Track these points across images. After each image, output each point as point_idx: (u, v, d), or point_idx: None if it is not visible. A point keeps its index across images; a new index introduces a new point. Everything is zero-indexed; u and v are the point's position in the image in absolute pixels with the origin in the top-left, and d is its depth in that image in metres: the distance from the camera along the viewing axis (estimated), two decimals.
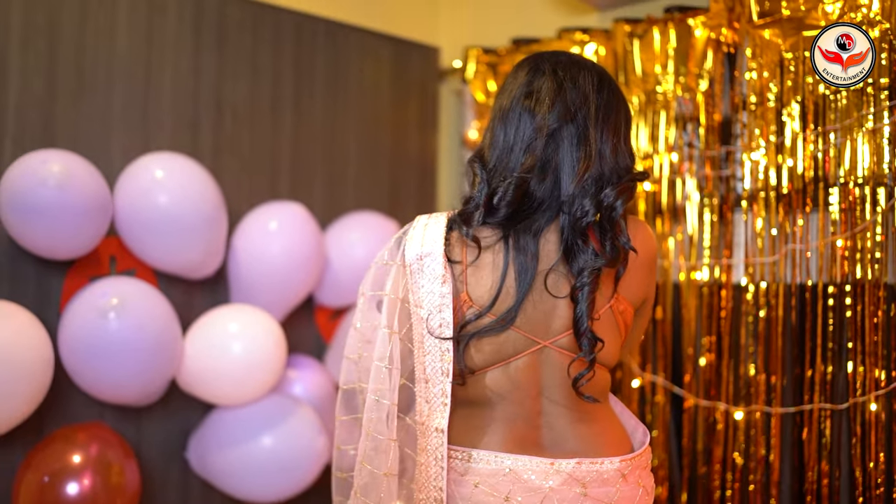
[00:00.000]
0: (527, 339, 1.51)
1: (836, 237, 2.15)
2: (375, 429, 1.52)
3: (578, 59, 1.61)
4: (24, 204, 1.91)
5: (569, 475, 1.48)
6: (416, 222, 1.57)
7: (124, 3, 2.28)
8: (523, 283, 1.48)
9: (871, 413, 2.07)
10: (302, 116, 2.65)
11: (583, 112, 1.53)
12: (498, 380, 1.52)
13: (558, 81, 1.54)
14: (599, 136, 1.53)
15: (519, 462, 1.48)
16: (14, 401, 1.90)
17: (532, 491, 1.47)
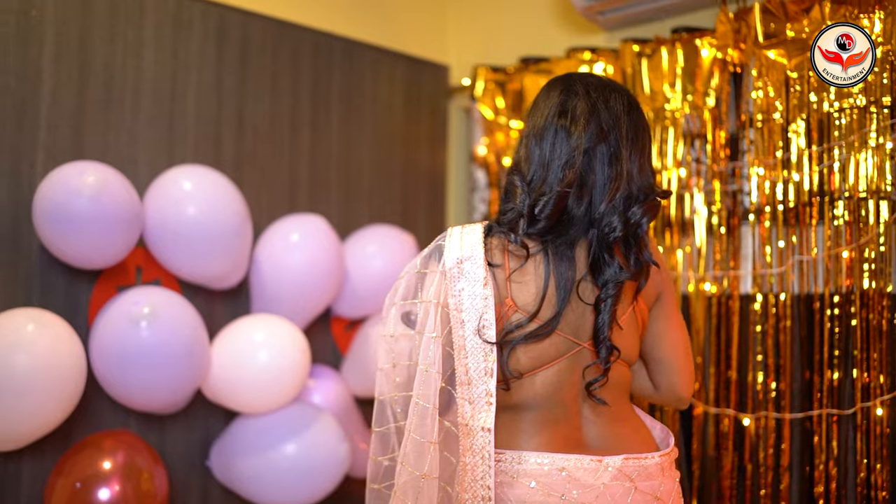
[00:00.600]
0: (568, 342, 1.59)
1: (841, 249, 2.24)
2: (417, 431, 1.56)
3: (608, 81, 1.69)
4: (59, 214, 1.95)
5: (618, 471, 1.56)
6: (451, 231, 1.64)
7: (151, 21, 2.34)
8: (563, 291, 1.56)
9: (877, 418, 2.15)
10: (319, 132, 2.71)
11: (615, 133, 1.61)
12: (543, 382, 1.59)
13: (591, 102, 1.63)
14: (629, 155, 1.62)
15: (571, 461, 1.55)
16: (50, 408, 1.94)
17: (586, 488, 1.54)
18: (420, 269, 1.65)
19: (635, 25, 2.76)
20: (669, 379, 1.75)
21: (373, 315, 2.66)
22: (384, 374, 1.72)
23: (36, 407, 1.92)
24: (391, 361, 1.70)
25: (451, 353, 1.57)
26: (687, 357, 1.77)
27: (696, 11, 2.61)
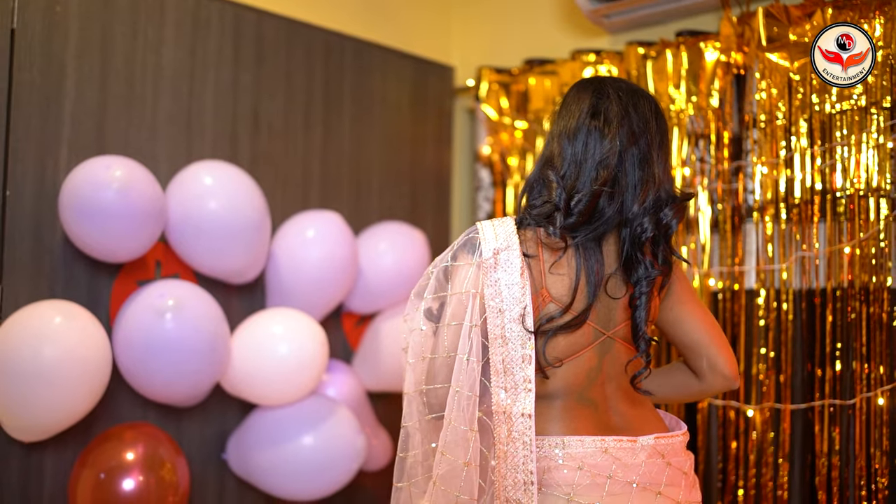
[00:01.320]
0: (596, 331, 1.66)
1: (843, 245, 2.32)
2: (458, 420, 1.59)
3: (636, 87, 1.77)
4: (87, 207, 1.98)
5: (652, 449, 1.64)
6: (481, 225, 1.67)
7: (171, 19, 2.37)
8: (593, 285, 1.63)
9: (877, 408, 2.23)
10: (331, 131, 2.76)
11: (645, 137, 1.68)
12: (574, 371, 1.65)
13: (623, 106, 1.69)
14: (657, 159, 1.69)
15: (610, 443, 1.61)
16: (77, 399, 1.97)
17: (628, 467, 1.61)
18: (451, 263, 1.68)
19: (639, 28, 2.83)
20: (710, 359, 1.76)
21: (384, 310, 2.71)
22: (411, 368, 1.74)
23: (64, 398, 1.95)
24: (420, 355, 1.72)
25: (485, 343, 1.61)
26: (720, 333, 1.78)
27: (700, 15, 2.69)
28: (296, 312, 2.33)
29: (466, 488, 1.58)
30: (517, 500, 1.56)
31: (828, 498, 2.31)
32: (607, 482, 1.60)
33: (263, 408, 2.37)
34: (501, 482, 1.58)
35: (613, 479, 1.60)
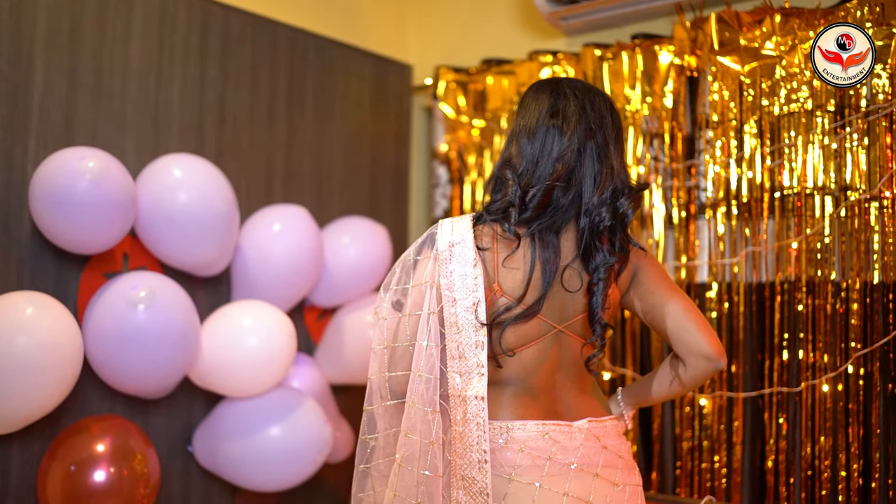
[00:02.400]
0: (546, 325, 1.74)
1: (790, 240, 2.44)
2: (421, 401, 1.67)
3: (591, 85, 1.86)
4: (60, 197, 1.97)
5: (587, 432, 1.75)
6: (442, 222, 1.77)
7: (139, 12, 2.37)
8: (548, 274, 1.71)
9: (822, 395, 2.36)
10: (294, 126, 2.78)
11: (601, 132, 1.77)
12: (524, 360, 1.74)
13: (580, 104, 1.78)
14: (614, 152, 1.78)
15: (551, 427, 1.72)
16: (50, 390, 1.96)
17: (566, 450, 1.71)
18: (413, 257, 1.77)
19: (596, 31, 2.92)
20: (690, 343, 1.78)
21: (346, 304, 2.74)
22: (377, 355, 1.82)
23: (36, 389, 1.93)
24: (383, 343, 1.80)
25: (442, 330, 1.69)
26: (698, 316, 1.80)
27: (655, 19, 2.79)
28: (265, 305, 2.35)
29: (432, 465, 1.66)
30: (472, 477, 1.64)
31: (775, 480, 2.43)
32: (546, 463, 1.69)
33: (230, 400, 2.38)
34: (457, 461, 1.66)
35: (552, 461, 1.69)
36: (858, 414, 2.31)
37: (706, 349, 1.77)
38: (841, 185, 2.38)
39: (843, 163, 2.38)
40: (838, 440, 2.33)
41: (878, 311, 2.30)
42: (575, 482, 1.70)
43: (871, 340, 2.30)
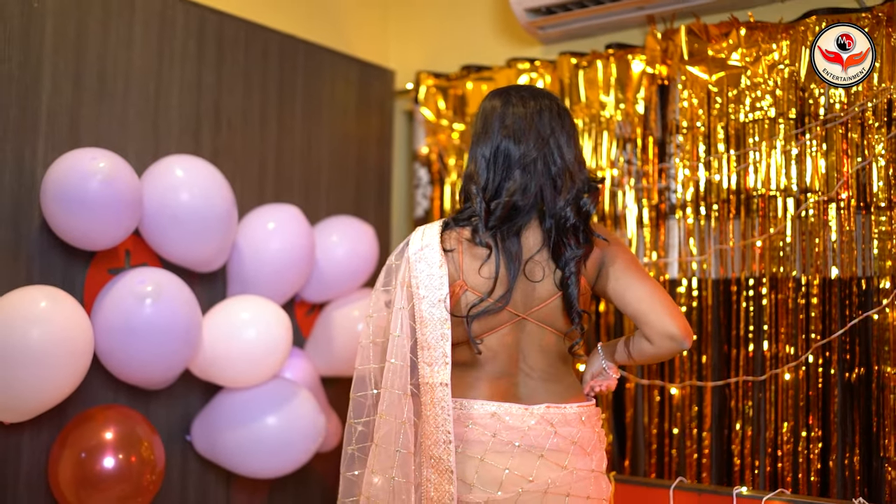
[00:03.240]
0: (510, 314, 1.92)
1: (755, 239, 2.61)
2: (394, 386, 1.87)
3: (538, 90, 2.02)
4: (72, 196, 2.07)
5: (541, 416, 1.90)
6: (417, 230, 1.98)
7: (140, 17, 2.47)
8: (513, 272, 1.89)
9: (785, 383, 2.53)
10: (284, 128, 2.89)
11: (553, 138, 1.93)
12: (487, 346, 1.92)
13: (529, 113, 1.93)
14: (568, 154, 1.94)
15: (502, 407, 1.90)
16: (63, 380, 2.05)
17: (513, 429, 1.88)
18: (394, 261, 1.98)
19: (571, 40, 3.07)
20: (653, 324, 1.86)
21: (334, 300, 2.86)
22: (363, 348, 2.01)
23: (50, 379, 2.03)
24: (370, 338, 1.99)
25: (413, 325, 1.88)
26: (663, 297, 1.89)
27: (628, 30, 2.95)
28: (262, 299, 2.46)
29: (405, 443, 1.85)
30: (438, 456, 1.83)
31: (741, 462, 2.60)
32: (491, 440, 1.87)
33: (228, 390, 2.49)
34: (426, 442, 1.84)
35: (496, 438, 1.87)
36: (818, 400, 2.49)
37: (671, 329, 1.86)
38: (801, 187, 2.56)
39: (803, 167, 2.55)
40: (799, 424, 2.51)
41: (835, 304, 2.48)
42: (518, 460, 1.87)
43: (829, 332, 2.48)
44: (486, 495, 1.86)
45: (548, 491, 1.87)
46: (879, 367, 2.40)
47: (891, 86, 2.41)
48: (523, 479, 1.86)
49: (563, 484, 1.88)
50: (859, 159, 2.47)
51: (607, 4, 2.82)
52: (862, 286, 2.45)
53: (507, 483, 1.86)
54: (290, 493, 2.85)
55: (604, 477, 1.99)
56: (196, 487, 2.59)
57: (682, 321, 1.87)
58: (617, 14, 2.86)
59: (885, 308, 2.39)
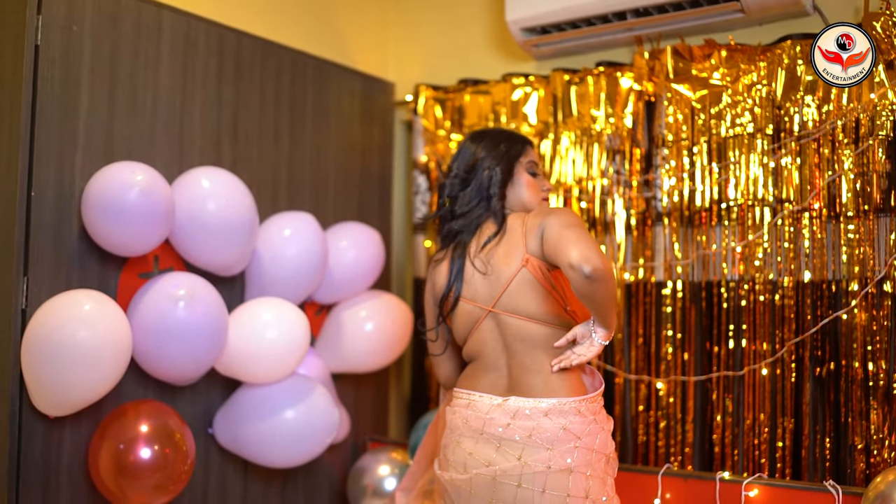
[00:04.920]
0: (478, 308, 2.19)
1: (734, 245, 2.83)
2: None
3: (479, 132, 2.39)
4: (113, 205, 2.23)
5: (501, 407, 2.10)
6: None
7: (167, 38, 2.63)
8: (454, 271, 2.22)
9: (762, 377, 2.76)
10: (295, 139, 3.07)
11: (476, 173, 2.28)
12: (473, 341, 2.22)
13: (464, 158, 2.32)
14: (491, 176, 2.27)
15: (475, 396, 2.16)
16: (105, 378, 2.22)
17: (478, 418, 2.11)
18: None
19: (563, 57, 3.27)
20: (561, 258, 1.95)
21: (342, 301, 3.04)
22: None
23: (94, 376, 2.19)
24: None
25: None
26: (575, 235, 1.97)
27: (617, 48, 3.15)
28: (283, 301, 2.63)
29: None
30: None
31: (721, 452, 2.82)
32: (463, 426, 2.13)
33: (249, 386, 2.66)
34: None
35: (467, 425, 2.13)
36: (792, 393, 2.71)
37: (571, 258, 1.94)
38: (778, 197, 2.78)
39: (779, 179, 2.77)
40: (775, 416, 2.73)
41: (808, 305, 2.70)
42: (481, 446, 2.09)
43: (802, 331, 2.70)
44: (454, 474, 2.12)
45: (496, 477, 2.04)
46: (847, 363, 2.63)
47: (858, 105, 2.63)
48: (481, 464, 2.07)
49: (514, 475, 2.02)
50: (830, 173, 2.69)
51: (598, 25, 3.02)
52: (832, 289, 2.68)
53: (469, 465, 2.09)
54: (301, 482, 3.03)
55: (579, 475, 2.01)
56: (217, 477, 2.76)
57: (583, 251, 1.93)
58: (607, 34, 3.06)
59: (853, 309, 2.62)
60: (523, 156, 2.31)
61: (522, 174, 2.30)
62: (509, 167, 2.26)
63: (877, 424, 2.56)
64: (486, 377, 2.18)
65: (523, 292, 2.13)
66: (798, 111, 2.74)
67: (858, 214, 2.64)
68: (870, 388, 2.59)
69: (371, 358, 3.03)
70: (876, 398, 2.57)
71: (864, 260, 2.62)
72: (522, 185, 2.29)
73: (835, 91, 2.68)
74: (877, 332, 2.58)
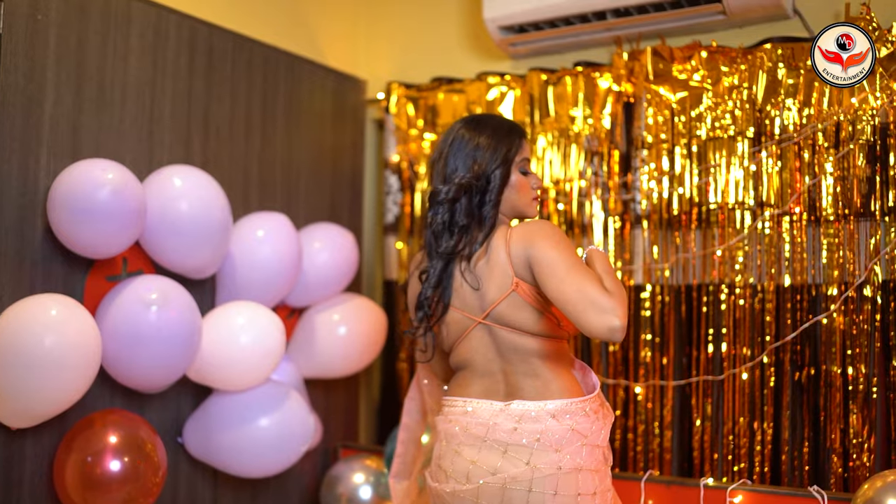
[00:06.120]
0: (466, 318, 2.11)
1: (714, 248, 2.81)
2: None
3: (446, 136, 2.20)
4: (83, 205, 2.11)
5: (506, 412, 2.03)
6: None
7: (136, 29, 2.51)
8: (434, 278, 2.13)
9: (742, 382, 2.74)
10: (267, 137, 2.97)
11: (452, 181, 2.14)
12: (463, 349, 2.14)
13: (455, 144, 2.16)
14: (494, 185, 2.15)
15: (475, 403, 2.08)
16: (72, 386, 2.10)
17: (481, 424, 2.04)
18: None
19: (540, 56, 3.22)
20: (578, 322, 1.89)
21: (315, 304, 2.95)
22: None
23: (60, 385, 2.07)
24: None
25: None
26: (581, 299, 1.87)
27: (595, 48, 3.11)
28: (257, 305, 2.53)
29: None
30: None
31: (701, 456, 2.80)
32: (463, 434, 2.05)
33: (221, 393, 2.56)
34: None
35: (468, 432, 2.05)
36: (771, 397, 2.70)
37: (592, 329, 1.89)
38: (758, 201, 2.76)
39: (759, 182, 2.76)
40: (754, 420, 2.72)
41: (788, 309, 2.70)
42: (485, 453, 2.01)
43: (782, 335, 2.70)
44: (455, 485, 2.02)
45: (505, 485, 1.96)
46: (827, 367, 2.63)
47: (839, 109, 2.63)
48: (487, 472, 1.98)
49: (524, 480, 1.96)
50: (810, 176, 2.69)
51: (578, 25, 2.98)
52: (812, 293, 2.68)
53: (472, 475, 2.00)
54: (272, 491, 2.93)
55: (586, 473, 2.00)
56: (186, 487, 2.65)
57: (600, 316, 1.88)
58: (586, 34, 3.02)
59: (833, 313, 2.62)
60: (518, 153, 2.16)
61: (515, 174, 2.15)
62: (508, 169, 2.13)
63: (856, 428, 2.57)
64: (479, 383, 2.11)
65: (513, 311, 2.06)
66: (779, 114, 2.73)
67: (839, 219, 2.64)
68: (849, 392, 2.59)
69: (345, 363, 2.94)
70: (855, 402, 2.57)
71: (844, 264, 2.62)
72: (514, 187, 2.14)
73: (815, 95, 2.67)
74: (857, 337, 2.58)
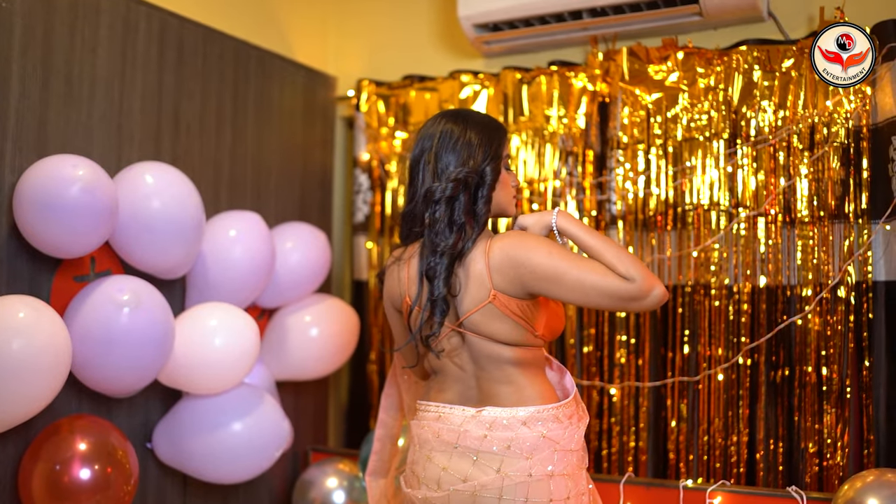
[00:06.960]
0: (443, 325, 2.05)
1: (690, 250, 2.81)
2: None
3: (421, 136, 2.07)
4: (51, 202, 2.02)
5: (476, 419, 1.97)
6: None
7: (105, 20, 2.42)
8: (419, 279, 2.03)
9: (717, 383, 2.75)
10: (237, 134, 2.89)
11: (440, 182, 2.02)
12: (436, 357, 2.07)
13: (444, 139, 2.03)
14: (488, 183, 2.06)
15: (447, 409, 2.03)
16: (42, 392, 2.01)
17: (452, 431, 1.99)
18: None
19: (514, 55, 3.19)
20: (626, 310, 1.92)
21: (286, 305, 2.88)
22: None
23: (29, 391, 1.98)
24: None
25: None
26: (607, 297, 1.88)
27: (569, 48, 3.10)
28: (231, 306, 2.46)
29: None
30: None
31: (677, 457, 2.80)
32: (435, 440, 2.00)
33: (192, 397, 2.48)
34: None
35: (440, 439, 2.00)
36: (747, 398, 2.71)
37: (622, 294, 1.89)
38: (734, 202, 2.77)
39: (735, 183, 2.77)
40: (730, 421, 2.73)
41: (763, 310, 2.71)
42: (455, 460, 1.96)
43: (758, 336, 2.71)
44: (426, 492, 1.98)
45: (475, 493, 1.92)
46: (801, 368, 2.65)
47: (814, 112, 2.65)
48: (457, 479, 1.94)
49: (495, 487, 1.91)
50: (783, 179, 2.70)
51: (553, 24, 2.96)
52: (787, 294, 2.69)
53: (443, 482, 1.96)
54: (242, 496, 2.86)
55: (559, 479, 1.95)
56: (155, 493, 2.57)
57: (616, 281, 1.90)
58: (561, 34, 3.00)
59: (807, 314, 2.63)
60: (505, 149, 2.07)
61: (500, 171, 2.05)
62: (498, 165, 2.03)
63: (830, 428, 2.59)
64: (452, 389, 2.05)
65: (489, 321, 1.99)
66: (755, 116, 2.74)
67: (813, 220, 2.66)
68: (823, 392, 2.61)
69: (317, 364, 2.88)
70: (829, 402, 2.59)
71: (818, 266, 2.64)
72: (501, 183, 2.06)
73: (790, 97, 2.69)
74: (831, 338, 2.61)
